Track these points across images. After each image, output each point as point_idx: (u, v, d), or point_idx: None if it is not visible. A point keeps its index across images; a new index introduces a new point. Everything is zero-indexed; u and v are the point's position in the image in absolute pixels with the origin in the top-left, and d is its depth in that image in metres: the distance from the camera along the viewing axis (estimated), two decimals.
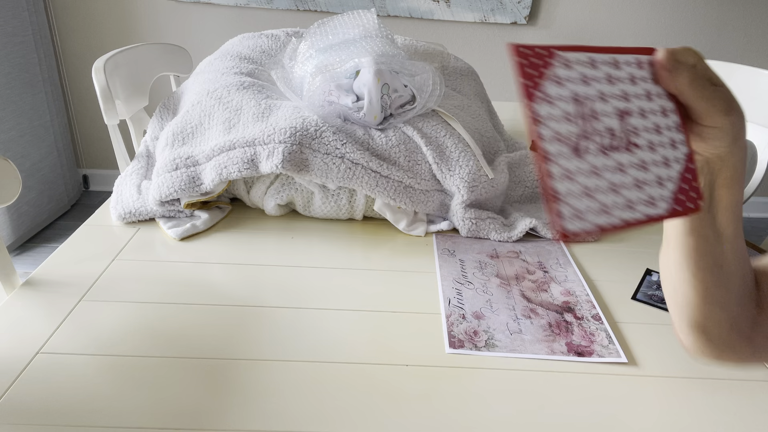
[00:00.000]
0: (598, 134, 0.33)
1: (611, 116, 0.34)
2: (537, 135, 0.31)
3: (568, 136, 0.32)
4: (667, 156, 0.36)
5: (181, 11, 2.27)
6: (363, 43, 0.89)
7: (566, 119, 0.32)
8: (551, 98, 0.32)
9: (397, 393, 0.53)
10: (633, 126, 0.34)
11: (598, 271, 0.77)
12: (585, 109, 0.33)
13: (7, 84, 1.98)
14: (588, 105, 0.33)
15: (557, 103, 0.32)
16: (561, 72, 0.32)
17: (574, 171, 0.32)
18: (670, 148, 0.36)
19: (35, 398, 0.50)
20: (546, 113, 0.31)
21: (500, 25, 2.32)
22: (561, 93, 0.32)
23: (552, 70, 0.32)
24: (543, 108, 0.31)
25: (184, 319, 0.62)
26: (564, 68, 0.32)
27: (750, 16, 2.32)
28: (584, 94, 0.33)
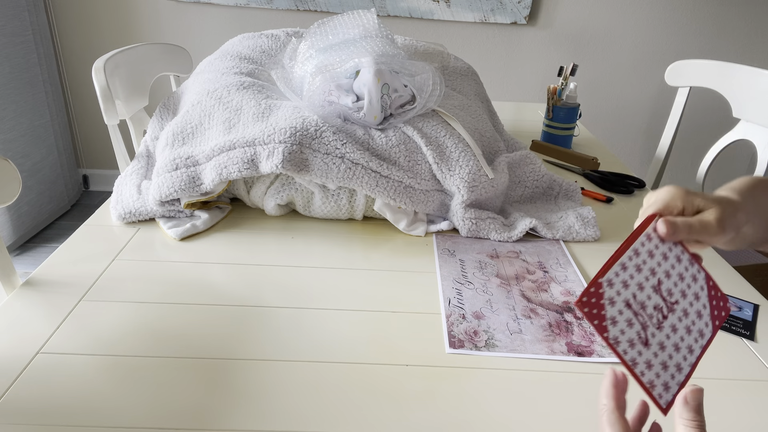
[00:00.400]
0: (650, 318, 0.40)
1: (652, 296, 0.41)
2: (617, 354, 0.39)
3: (636, 337, 0.39)
4: (696, 292, 0.42)
5: (181, 11, 2.27)
6: (363, 43, 0.89)
7: (629, 324, 0.39)
8: (614, 319, 0.39)
9: (397, 393, 0.53)
10: (668, 290, 0.41)
11: (598, 270, 0.77)
12: (636, 307, 0.40)
13: (7, 84, 1.98)
14: (636, 301, 0.40)
15: (619, 320, 0.39)
16: (609, 292, 0.40)
17: (651, 359, 0.39)
18: (693, 283, 0.42)
19: (35, 398, 0.50)
20: (616, 333, 0.39)
21: (500, 25, 2.32)
22: (617, 309, 0.40)
23: (604, 295, 0.39)
24: (613, 331, 0.39)
25: (184, 319, 0.62)
26: (610, 287, 0.40)
27: (750, 16, 2.32)
28: (631, 296, 0.40)
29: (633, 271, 0.41)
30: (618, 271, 0.41)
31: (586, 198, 1.02)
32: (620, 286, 0.41)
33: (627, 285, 0.41)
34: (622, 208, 0.99)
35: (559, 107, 1.25)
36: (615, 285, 0.40)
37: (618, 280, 0.41)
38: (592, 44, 2.37)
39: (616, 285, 0.41)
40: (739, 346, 0.63)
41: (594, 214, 0.88)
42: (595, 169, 1.15)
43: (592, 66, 2.41)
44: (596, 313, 0.40)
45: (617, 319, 0.40)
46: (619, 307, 0.40)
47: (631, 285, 0.41)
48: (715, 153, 1.29)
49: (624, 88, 2.46)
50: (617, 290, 0.40)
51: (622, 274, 0.41)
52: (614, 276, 0.41)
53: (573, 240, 0.84)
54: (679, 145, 2.57)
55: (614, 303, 0.40)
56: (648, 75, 2.43)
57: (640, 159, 2.60)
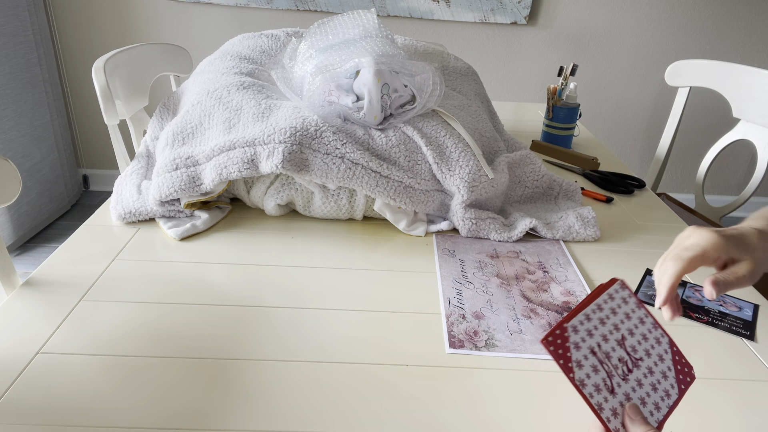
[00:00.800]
0: (615, 368, 0.43)
1: (616, 349, 0.43)
2: (584, 397, 0.41)
3: (602, 383, 0.42)
4: (660, 354, 0.45)
5: (181, 11, 2.28)
6: (363, 43, 0.89)
7: (595, 370, 0.42)
8: (580, 363, 0.42)
9: (397, 393, 0.53)
10: (631, 346, 0.44)
11: (598, 271, 0.77)
12: (601, 355, 0.43)
13: (7, 84, 1.98)
14: (601, 351, 0.43)
15: (584, 364, 0.42)
16: (574, 337, 0.42)
17: (617, 407, 0.41)
18: (657, 345, 0.45)
19: (35, 398, 0.50)
20: (581, 376, 0.41)
21: (500, 25, 2.32)
22: (583, 353, 0.42)
23: (569, 339, 0.42)
24: (579, 373, 0.41)
25: (184, 319, 0.62)
26: (574, 333, 0.42)
27: (750, 16, 2.32)
28: (595, 344, 0.43)
29: (597, 323, 0.44)
30: (582, 320, 0.44)
31: (586, 198, 1.02)
32: (585, 333, 0.43)
33: (591, 334, 0.43)
34: (622, 208, 0.99)
35: (559, 107, 1.25)
36: (580, 332, 0.43)
37: (582, 328, 0.43)
38: (592, 44, 2.37)
39: (581, 332, 0.43)
40: (739, 346, 0.63)
41: (594, 214, 0.88)
42: (595, 169, 1.15)
43: (592, 66, 2.41)
44: (562, 353, 0.42)
45: (583, 363, 0.42)
46: (584, 353, 0.42)
47: (596, 335, 0.44)
48: (715, 153, 1.29)
49: (624, 88, 2.46)
50: (582, 337, 0.43)
51: (586, 324, 0.44)
52: (579, 324, 0.43)
53: (573, 240, 0.84)
54: (679, 145, 2.57)
55: (579, 348, 0.43)
56: (648, 75, 2.44)
57: (640, 159, 2.60)
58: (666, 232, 0.90)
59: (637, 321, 0.46)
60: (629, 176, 1.11)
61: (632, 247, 0.84)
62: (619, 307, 0.46)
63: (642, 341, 0.45)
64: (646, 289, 0.74)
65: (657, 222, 0.94)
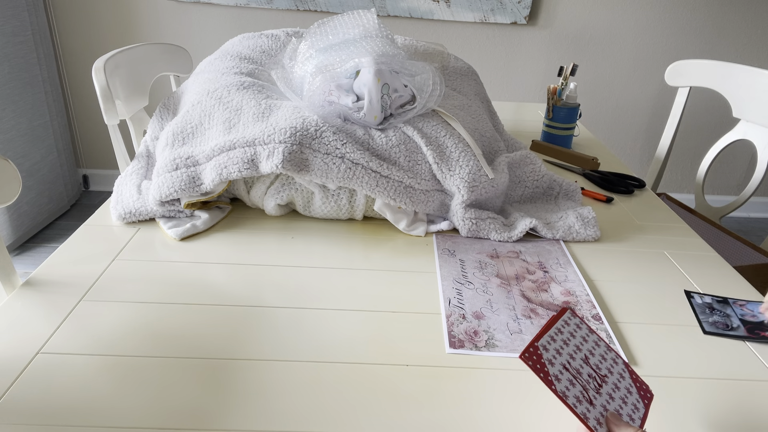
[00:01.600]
0: (588, 383, 0.46)
1: (584, 366, 0.47)
2: (568, 406, 0.44)
3: (581, 395, 0.45)
4: (620, 372, 0.49)
5: (181, 11, 2.28)
6: (363, 43, 0.89)
7: (572, 384, 0.45)
8: (557, 377, 0.45)
9: (397, 393, 0.53)
10: (595, 365, 0.48)
11: (598, 271, 0.77)
12: (573, 371, 0.46)
13: (7, 84, 1.98)
14: (572, 367, 0.46)
15: (561, 378, 0.45)
16: (546, 355, 0.46)
17: (599, 417, 0.44)
18: (615, 365, 0.49)
19: (35, 398, 0.50)
20: (562, 388, 0.44)
21: (500, 25, 2.32)
22: (558, 369, 0.46)
23: (542, 356, 0.46)
24: (559, 386, 0.44)
25: (184, 319, 0.62)
26: (546, 351, 0.46)
27: (750, 16, 2.32)
28: (566, 361, 0.47)
29: (561, 344, 0.48)
30: (549, 341, 0.48)
31: (586, 198, 1.02)
32: (554, 351, 0.47)
33: (560, 352, 0.47)
34: (622, 208, 0.99)
35: (559, 107, 1.25)
36: (549, 350, 0.47)
37: (551, 347, 0.47)
38: (592, 44, 2.37)
39: (551, 350, 0.47)
40: (739, 346, 0.63)
41: (594, 214, 0.88)
42: (595, 169, 1.15)
43: (592, 66, 2.41)
44: (540, 368, 0.46)
45: (560, 377, 0.46)
46: (558, 368, 0.46)
47: (563, 353, 0.47)
48: (715, 153, 1.29)
49: (624, 88, 2.46)
50: (552, 354, 0.47)
51: (553, 343, 0.48)
52: (547, 343, 0.47)
53: (573, 240, 0.84)
54: (679, 145, 2.57)
55: (553, 364, 0.46)
56: (648, 75, 2.44)
57: (640, 159, 2.60)
58: (666, 232, 0.90)
59: (592, 344, 0.50)
60: (629, 176, 1.11)
61: (632, 247, 0.84)
62: (575, 331, 0.50)
63: (602, 361, 0.49)
64: (705, 316, 0.69)
65: (657, 222, 0.94)
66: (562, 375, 0.46)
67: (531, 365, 0.46)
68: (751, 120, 1.20)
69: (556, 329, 0.50)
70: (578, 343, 0.50)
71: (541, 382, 0.47)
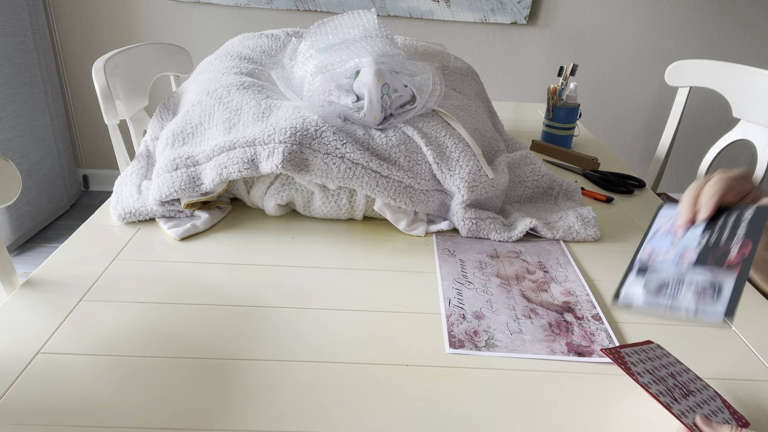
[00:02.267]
0: (673, 389, 0.48)
1: (669, 378, 0.49)
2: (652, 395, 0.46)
3: (665, 391, 0.47)
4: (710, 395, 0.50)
5: (181, 11, 2.28)
6: (363, 43, 0.89)
7: (655, 383, 0.48)
8: (640, 374, 0.48)
9: (397, 393, 0.53)
10: (682, 382, 0.50)
11: (598, 271, 0.77)
12: (657, 376, 0.49)
13: (6, 84, 1.98)
14: (657, 373, 0.49)
15: (644, 376, 0.48)
16: (629, 358, 0.49)
17: (685, 411, 0.46)
18: (705, 390, 0.51)
19: (35, 398, 0.50)
20: (646, 381, 0.47)
21: (500, 25, 2.32)
22: (640, 369, 0.48)
23: (625, 358, 0.49)
24: (642, 379, 0.47)
25: (184, 319, 0.62)
26: (628, 356, 0.50)
27: (750, 16, 2.32)
28: (650, 367, 0.49)
29: (645, 357, 0.51)
30: (632, 352, 0.51)
31: (586, 198, 1.02)
32: (637, 359, 0.50)
33: (643, 361, 0.50)
34: (622, 208, 0.99)
35: (559, 107, 1.25)
36: (632, 357, 0.50)
37: (635, 357, 0.50)
38: (592, 44, 2.37)
39: (633, 357, 0.50)
40: (739, 345, 0.63)
41: (594, 214, 0.88)
42: (595, 169, 1.15)
43: (592, 66, 2.41)
44: (621, 363, 0.48)
45: (642, 374, 0.48)
46: (641, 369, 0.49)
47: (647, 363, 0.50)
48: (715, 153, 1.29)
49: (624, 88, 2.46)
50: (635, 361, 0.50)
51: (636, 355, 0.50)
52: (631, 352, 0.50)
53: (573, 240, 0.84)
54: (679, 145, 2.57)
55: (636, 366, 0.49)
56: (648, 75, 2.44)
57: (640, 159, 2.60)
58: None
59: (681, 369, 0.52)
60: (629, 176, 1.11)
61: (632, 247, 0.84)
62: (661, 357, 0.52)
63: (690, 382, 0.51)
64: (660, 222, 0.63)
65: None
66: (645, 375, 0.47)
67: (613, 359, 0.48)
68: (751, 120, 1.20)
69: (640, 348, 0.52)
70: (664, 363, 0.51)
71: (624, 373, 0.49)
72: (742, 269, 0.48)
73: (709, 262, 0.50)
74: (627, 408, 0.53)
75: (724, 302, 0.47)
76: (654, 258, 0.53)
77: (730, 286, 0.48)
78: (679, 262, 0.52)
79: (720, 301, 0.47)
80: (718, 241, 0.51)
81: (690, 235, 0.53)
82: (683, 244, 0.52)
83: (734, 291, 0.47)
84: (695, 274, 0.50)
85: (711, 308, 0.47)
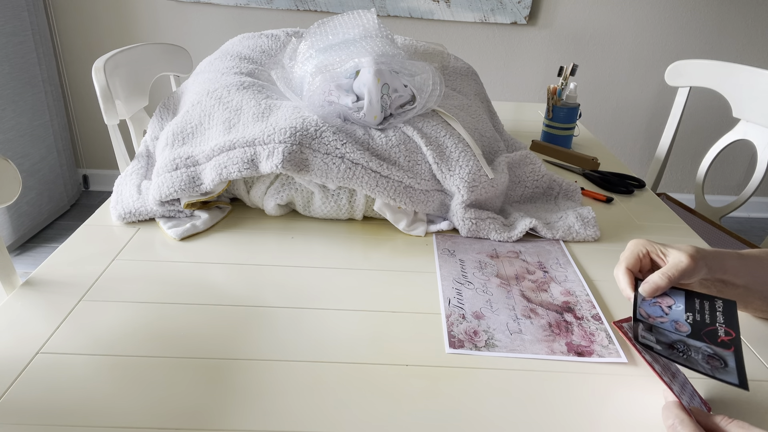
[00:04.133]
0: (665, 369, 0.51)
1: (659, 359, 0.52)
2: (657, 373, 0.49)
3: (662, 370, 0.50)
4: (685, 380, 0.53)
5: (181, 11, 2.28)
6: (363, 43, 0.89)
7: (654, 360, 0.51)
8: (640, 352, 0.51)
9: (397, 393, 0.53)
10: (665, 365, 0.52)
11: (598, 271, 0.77)
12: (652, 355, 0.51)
13: (7, 84, 1.98)
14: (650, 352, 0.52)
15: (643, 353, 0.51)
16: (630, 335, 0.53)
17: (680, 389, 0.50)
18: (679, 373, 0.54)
19: (35, 398, 0.50)
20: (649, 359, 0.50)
21: (500, 25, 2.32)
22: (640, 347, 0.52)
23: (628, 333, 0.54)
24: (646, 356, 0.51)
25: (183, 319, 0.62)
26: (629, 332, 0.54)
27: (750, 16, 2.32)
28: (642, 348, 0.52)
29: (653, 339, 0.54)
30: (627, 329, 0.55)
31: (586, 198, 1.02)
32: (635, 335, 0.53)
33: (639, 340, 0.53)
34: (622, 208, 0.99)
35: (559, 107, 1.25)
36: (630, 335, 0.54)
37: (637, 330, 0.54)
38: (592, 44, 2.37)
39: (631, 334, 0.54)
40: None
41: (594, 214, 0.88)
42: (595, 169, 1.15)
43: (592, 66, 2.41)
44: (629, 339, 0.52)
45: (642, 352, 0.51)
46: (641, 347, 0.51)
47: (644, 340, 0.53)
48: (715, 153, 1.29)
49: (624, 88, 2.46)
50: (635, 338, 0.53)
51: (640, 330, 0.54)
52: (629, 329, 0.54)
53: (573, 240, 0.84)
54: (679, 145, 2.57)
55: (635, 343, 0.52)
56: (648, 75, 2.44)
57: (640, 159, 2.60)
58: (666, 232, 0.90)
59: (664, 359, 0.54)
60: (629, 176, 1.11)
61: None
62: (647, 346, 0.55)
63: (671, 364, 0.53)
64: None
65: (657, 222, 0.94)
66: (644, 353, 0.50)
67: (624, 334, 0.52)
68: (751, 120, 1.20)
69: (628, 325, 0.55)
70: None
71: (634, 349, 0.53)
72: (736, 348, 0.51)
73: (703, 337, 0.53)
74: (626, 408, 0.53)
75: (734, 374, 0.49)
76: (653, 319, 0.55)
77: (732, 361, 0.50)
78: (677, 330, 0.54)
79: (729, 373, 0.49)
80: (703, 320, 0.54)
81: (675, 309, 0.56)
82: (673, 317, 0.55)
83: (738, 365, 0.50)
84: (696, 343, 0.52)
85: (725, 376, 0.49)
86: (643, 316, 0.55)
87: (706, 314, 0.55)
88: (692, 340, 0.53)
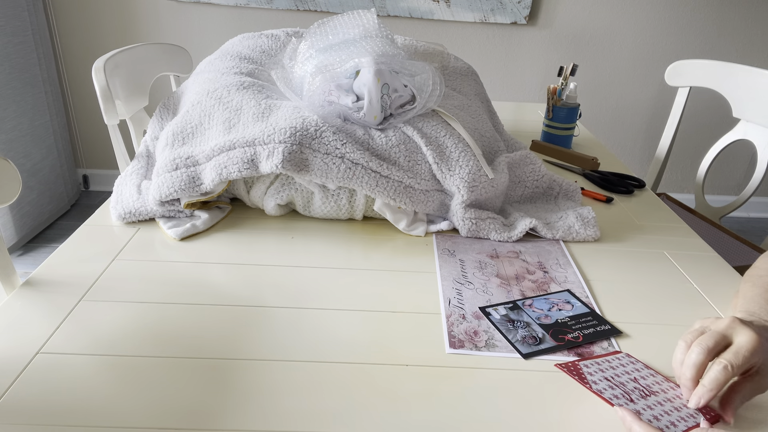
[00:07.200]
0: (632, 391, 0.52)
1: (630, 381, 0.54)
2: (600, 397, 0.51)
3: (621, 395, 0.52)
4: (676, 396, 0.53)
5: (181, 11, 2.28)
6: (363, 43, 0.89)
7: (611, 387, 0.53)
8: (595, 382, 0.53)
9: (397, 393, 0.53)
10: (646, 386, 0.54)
11: (597, 271, 0.77)
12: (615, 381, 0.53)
13: (7, 84, 1.98)
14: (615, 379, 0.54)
15: (600, 383, 0.53)
16: (586, 369, 0.55)
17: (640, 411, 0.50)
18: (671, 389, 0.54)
19: (35, 398, 0.50)
20: (599, 388, 0.52)
21: (500, 25, 2.32)
22: (596, 378, 0.54)
23: (582, 369, 0.55)
24: (595, 386, 0.52)
25: (184, 319, 0.62)
26: (586, 368, 0.55)
27: (750, 16, 2.32)
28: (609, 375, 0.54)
29: (607, 366, 0.56)
30: (592, 363, 0.56)
31: (586, 198, 1.02)
32: (596, 369, 0.55)
33: (603, 370, 0.55)
34: (622, 208, 0.99)
35: (559, 107, 1.25)
36: (591, 368, 0.55)
37: (594, 367, 0.55)
38: (592, 44, 2.37)
39: (592, 368, 0.55)
40: None
41: (594, 214, 0.88)
42: (595, 169, 1.15)
43: (592, 66, 2.41)
44: (575, 374, 0.53)
45: (597, 382, 0.53)
46: (598, 378, 0.53)
47: (607, 371, 0.55)
48: (715, 153, 1.29)
49: (624, 88, 2.46)
50: (593, 371, 0.54)
51: (596, 366, 0.55)
52: (590, 363, 0.56)
53: (573, 240, 0.84)
54: (679, 145, 2.57)
55: (592, 375, 0.54)
56: (648, 75, 2.44)
57: (640, 159, 2.60)
58: (666, 232, 0.90)
59: (647, 374, 0.55)
60: (629, 176, 1.11)
61: (632, 247, 0.84)
62: (625, 365, 0.56)
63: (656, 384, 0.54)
64: (512, 334, 0.63)
65: (657, 222, 0.94)
66: (600, 382, 0.52)
67: (566, 371, 0.53)
68: (751, 120, 1.20)
69: (603, 359, 0.57)
70: (628, 370, 0.55)
71: (577, 382, 0.54)
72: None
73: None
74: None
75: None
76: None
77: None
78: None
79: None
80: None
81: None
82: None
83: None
84: None
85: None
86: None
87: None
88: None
